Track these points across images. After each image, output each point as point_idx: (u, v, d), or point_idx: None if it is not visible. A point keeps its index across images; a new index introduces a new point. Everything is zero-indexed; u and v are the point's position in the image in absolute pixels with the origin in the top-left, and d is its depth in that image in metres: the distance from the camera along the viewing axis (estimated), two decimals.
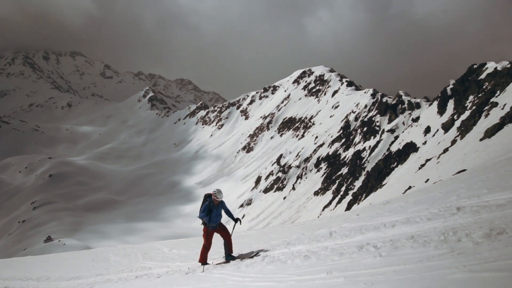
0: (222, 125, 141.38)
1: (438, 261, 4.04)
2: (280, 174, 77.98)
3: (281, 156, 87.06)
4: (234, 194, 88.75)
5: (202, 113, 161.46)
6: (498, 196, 6.22)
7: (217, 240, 10.03)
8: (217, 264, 9.21)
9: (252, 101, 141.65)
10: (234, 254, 9.71)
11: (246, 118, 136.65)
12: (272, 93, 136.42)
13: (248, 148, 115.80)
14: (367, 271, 4.53)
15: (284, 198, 67.51)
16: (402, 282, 3.79)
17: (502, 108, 27.77)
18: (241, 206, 79.25)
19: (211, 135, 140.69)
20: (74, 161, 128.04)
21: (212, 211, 9.43)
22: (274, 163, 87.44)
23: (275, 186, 75.74)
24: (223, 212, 9.71)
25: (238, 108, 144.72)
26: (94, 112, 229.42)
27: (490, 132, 25.28)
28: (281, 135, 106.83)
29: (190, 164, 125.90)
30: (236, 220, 9.71)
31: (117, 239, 66.82)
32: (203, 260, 9.39)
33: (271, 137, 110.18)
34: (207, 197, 9.59)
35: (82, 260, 15.79)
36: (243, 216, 73.57)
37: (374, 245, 5.55)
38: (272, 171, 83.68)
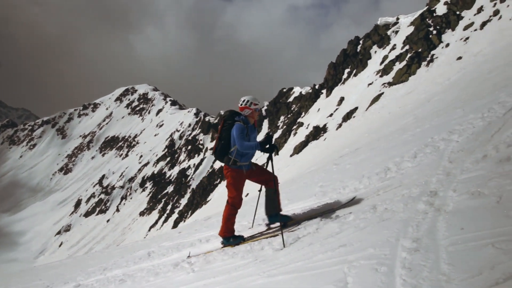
0: (34, 145, 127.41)
1: (243, 270, 4.37)
2: (102, 196, 73.98)
3: (103, 176, 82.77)
4: (49, 221, 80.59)
5: (9, 131, 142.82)
6: (295, 206, 7.09)
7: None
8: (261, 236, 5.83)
9: (70, 119, 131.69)
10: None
11: (63, 137, 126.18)
12: (93, 111, 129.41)
13: (66, 170, 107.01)
14: None
15: (108, 220, 64.15)
16: None
17: (307, 128, 31.57)
18: (58, 233, 72.35)
19: (21, 156, 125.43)
20: None
21: (249, 136, 5.63)
22: (96, 184, 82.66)
23: (98, 209, 71.45)
24: None
25: (53, 126, 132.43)
26: None
27: (298, 149, 28.41)
28: (103, 155, 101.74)
29: None
30: (272, 148, 5.80)
31: None
32: (231, 231, 5.80)
33: (92, 157, 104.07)
34: (235, 115, 5.64)
35: None
36: (61, 244, 67.19)
37: (189, 261, 5.69)
38: (93, 193, 78.85)
